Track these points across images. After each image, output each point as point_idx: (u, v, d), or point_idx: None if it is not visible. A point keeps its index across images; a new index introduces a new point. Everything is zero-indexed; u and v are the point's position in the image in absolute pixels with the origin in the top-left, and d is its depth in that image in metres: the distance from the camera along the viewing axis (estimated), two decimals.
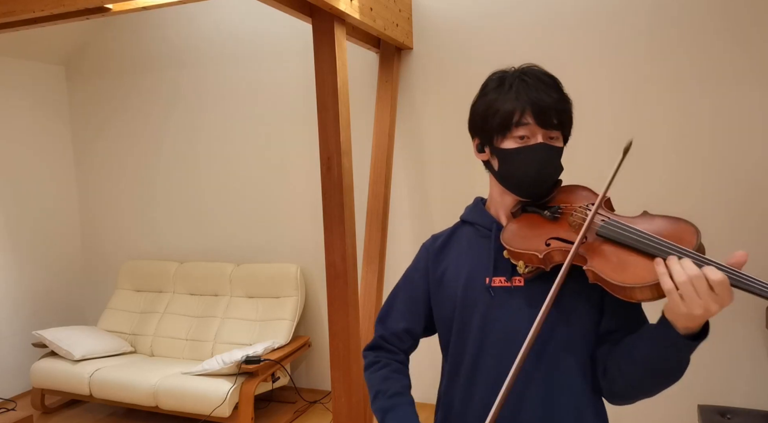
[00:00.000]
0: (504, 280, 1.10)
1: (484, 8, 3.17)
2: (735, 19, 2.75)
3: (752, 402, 2.80)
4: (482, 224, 1.18)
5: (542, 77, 1.09)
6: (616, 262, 0.95)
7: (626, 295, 0.92)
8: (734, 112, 2.78)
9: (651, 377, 0.98)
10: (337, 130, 2.42)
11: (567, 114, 1.10)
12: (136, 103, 4.21)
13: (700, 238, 0.94)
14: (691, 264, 0.85)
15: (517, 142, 1.08)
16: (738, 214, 2.80)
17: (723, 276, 0.84)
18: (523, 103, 1.06)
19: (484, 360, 1.10)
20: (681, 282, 0.85)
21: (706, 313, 0.86)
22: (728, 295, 0.85)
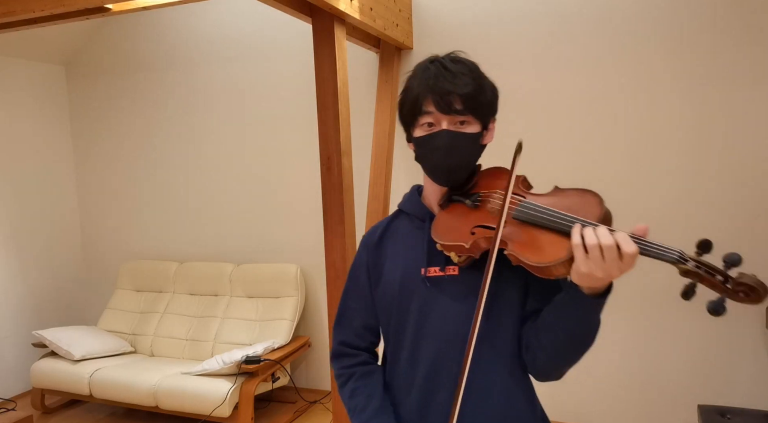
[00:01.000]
0: (438, 269, 1.13)
1: (484, 8, 3.17)
2: (746, 20, 2.75)
3: (752, 402, 2.80)
4: (416, 215, 1.21)
5: (448, 64, 1.10)
6: (532, 243, 0.99)
7: (545, 274, 0.96)
8: (746, 113, 2.77)
9: (566, 342, 1.01)
10: (337, 130, 2.42)
11: (475, 99, 1.08)
12: (136, 102, 4.21)
13: (604, 206, 0.98)
14: (605, 232, 0.89)
15: (424, 130, 1.10)
16: (750, 214, 2.79)
17: (636, 247, 0.88)
18: (425, 91, 1.08)
19: (422, 349, 1.13)
20: (591, 245, 0.88)
21: (608, 277, 0.90)
22: (632, 264, 0.89)
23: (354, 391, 1.20)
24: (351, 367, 1.23)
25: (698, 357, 2.90)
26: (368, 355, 1.26)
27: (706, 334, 2.87)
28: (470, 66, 1.12)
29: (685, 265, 0.89)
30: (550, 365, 1.07)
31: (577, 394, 3.13)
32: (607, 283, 0.94)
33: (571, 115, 3.07)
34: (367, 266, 1.23)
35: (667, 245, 0.90)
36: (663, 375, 2.96)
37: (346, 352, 1.25)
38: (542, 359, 1.06)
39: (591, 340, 1.02)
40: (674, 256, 0.89)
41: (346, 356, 1.25)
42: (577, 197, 1.02)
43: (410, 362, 1.14)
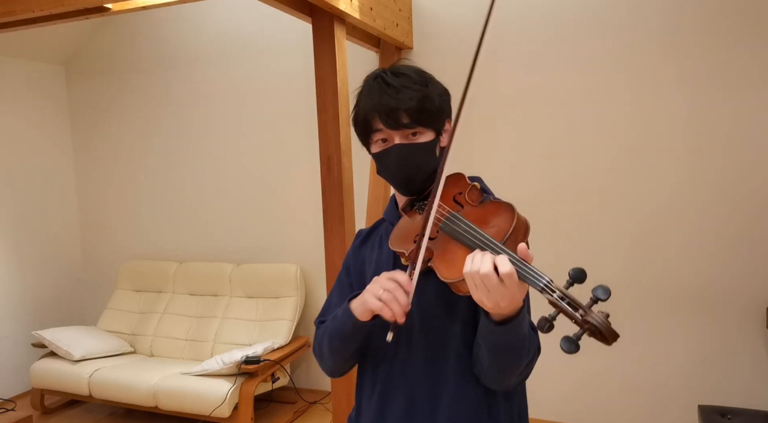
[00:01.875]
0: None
1: (484, 8, 3.16)
2: (748, 19, 2.75)
3: (752, 402, 2.80)
4: (390, 220, 1.23)
5: (390, 79, 1.11)
6: (449, 257, 0.99)
7: (454, 289, 0.96)
8: (747, 113, 2.77)
9: (492, 361, 1.02)
10: (337, 130, 2.42)
11: (422, 111, 1.09)
12: (136, 102, 4.21)
13: (515, 220, 0.95)
14: (487, 258, 0.89)
15: (379, 146, 1.14)
16: (749, 214, 2.79)
17: (511, 268, 0.87)
18: (370, 111, 1.10)
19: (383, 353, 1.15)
20: (470, 273, 0.89)
21: (495, 306, 0.90)
22: (517, 289, 0.88)
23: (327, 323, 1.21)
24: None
25: (698, 357, 2.90)
26: None
27: (706, 334, 2.87)
28: (414, 77, 1.12)
29: (551, 295, 0.85)
30: (491, 379, 1.07)
31: (578, 394, 3.13)
32: (517, 306, 0.93)
33: (570, 114, 3.06)
34: (348, 267, 1.27)
35: (538, 271, 0.87)
36: (663, 375, 2.96)
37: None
38: (485, 373, 1.06)
39: (524, 356, 1.01)
40: (540, 284, 0.86)
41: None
42: (493, 210, 1.01)
43: (374, 362, 1.17)
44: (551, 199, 3.09)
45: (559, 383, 3.14)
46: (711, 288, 2.85)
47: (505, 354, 1.00)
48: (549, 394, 3.16)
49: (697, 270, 2.87)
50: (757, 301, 2.77)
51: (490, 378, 1.07)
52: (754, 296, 2.78)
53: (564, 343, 0.83)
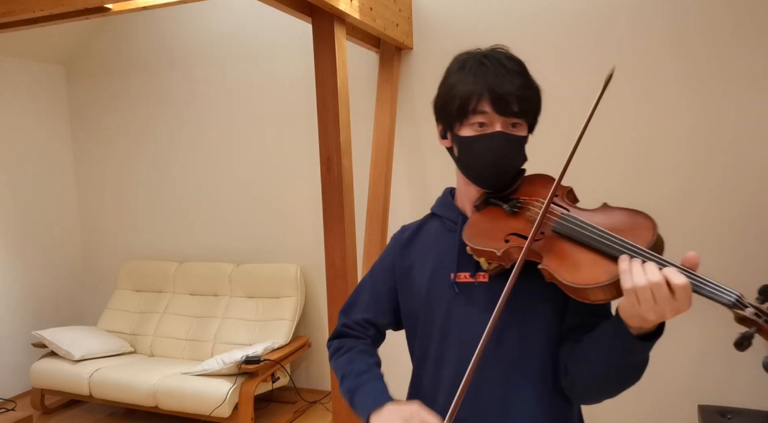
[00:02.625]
0: (469, 275, 1.07)
1: (484, 8, 3.17)
2: (752, 19, 2.75)
3: (752, 402, 2.80)
4: (448, 217, 1.15)
5: (504, 61, 1.03)
6: (570, 260, 0.91)
7: (579, 296, 0.89)
8: (752, 114, 2.77)
9: (608, 378, 0.95)
10: (337, 130, 2.42)
11: (530, 101, 1.04)
12: (136, 102, 4.21)
13: (656, 231, 0.89)
14: (653, 268, 0.81)
15: (475, 130, 1.03)
16: (756, 214, 2.79)
17: (686, 280, 0.80)
18: (480, 89, 1.01)
19: (447, 355, 1.08)
20: (640, 286, 0.80)
21: (660, 318, 0.82)
22: (687, 302, 0.80)
23: (352, 360, 1.14)
24: (353, 342, 1.18)
25: (698, 357, 2.90)
26: (371, 341, 1.20)
27: (706, 334, 2.87)
28: (522, 65, 1.06)
29: (743, 311, 0.79)
30: (587, 394, 1.01)
31: None
32: (659, 322, 0.86)
33: (572, 115, 3.06)
34: (392, 266, 1.19)
35: (724, 285, 0.81)
36: (663, 375, 2.96)
37: (350, 333, 1.20)
38: (580, 387, 1.00)
39: (635, 379, 0.94)
40: (731, 299, 0.79)
41: (349, 337, 1.20)
42: (626, 218, 0.94)
43: (436, 368, 1.10)
44: None
45: None
46: None
47: (628, 371, 0.93)
48: None
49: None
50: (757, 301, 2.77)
51: (591, 393, 1.00)
52: (754, 296, 2.77)
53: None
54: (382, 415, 0.98)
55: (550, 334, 1.03)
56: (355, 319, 1.20)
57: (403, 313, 1.18)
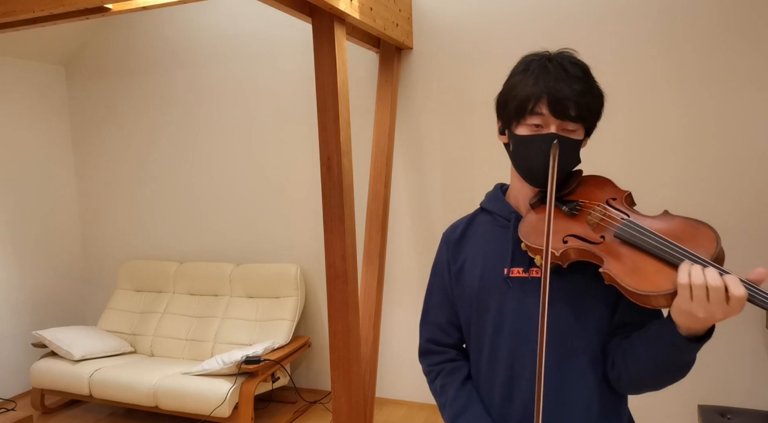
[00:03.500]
0: (522, 270, 1.10)
1: (484, 8, 3.17)
2: (743, 18, 2.75)
3: (752, 402, 2.80)
4: (501, 214, 1.18)
5: (567, 66, 1.06)
6: (632, 266, 0.93)
7: (641, 301, 0.91)
8: (742, 112, 2.78)
9: (654, 375, 0.99)
10: (337, 130, 2.42)
11: (589, 107, 1.06)
12: (136, 102, 4.21)
13: (720, 244, 0.91)
14: (714, 272, 0.85)
15: (530, 130, 1.06)
16: (746, 214, 2.79)
17: (745, 293, 0.83)
18: (539, 92, 1.04)
19: (501, 348, 1.11)
20: (697, 285, 0.84)
21: (710, 319, 0.86)
22: (739, 309, 0.84)
23: (444, 387, 1.19)
24: (439, 364, 1.23)
25: (698, 357, 2.89)
26: (456, 351, 1.24)
27: None
28: (585, 70, 1.08)
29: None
30: (632, 387, 1.05)
31: None
32: (709, 325, 0.90)
33: None
34: (448, 263, 1.21)
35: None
36: None
37: (434, 349, 1.24)
38: (626, 381, 1.04)
39: (681, 376, 0.99)
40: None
41: (434, 353, 1.24)
42: (689, 228, 0.96)
43: (490, 361, 1.13)
44: None
45: None
46: None
47: (674, 369, 0.97)
48: None
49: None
50: None
51: (638, 387, 1.04)
52: None
53: None
54: None
55: (602, 329, 1.07)
56: (436, 326, 1.24)
57: (458, 307, 1.21)
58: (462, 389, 1.17)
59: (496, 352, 1.12)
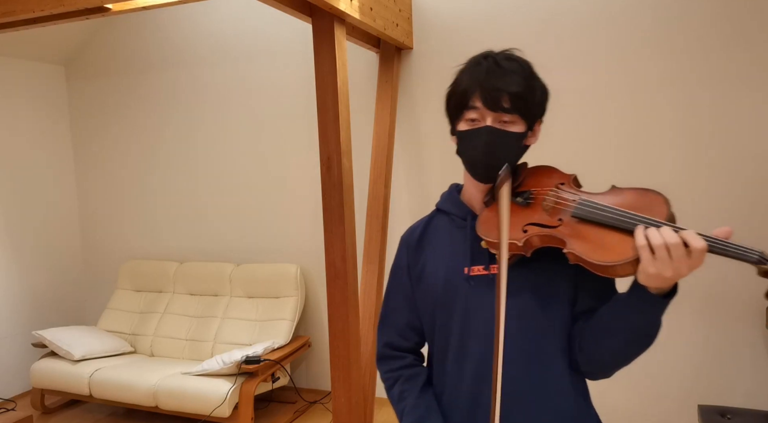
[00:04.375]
0: (482, 268, 1.12)
1: (484, 8, 3.17)
2: (739, 19, 2.75)
3: (752, 402, 2.80)
4: (457, 214, 1.19)
5: (501, 61, 1.09)
6: (594, 241, 0.97)
7: (609, 273, 0.94)
8: (737, 112, 2.78)
9: (625, 343, 1.01)
10: (337, 130, 2.42)
11: (524, 99, 1.07)
12: (136, 102, 4.21)
13: (671, 207, 0.96)
14: (669, 231, 0.89)
15: (468, 125, 1.10)
16: (742, 214, 2.79)
17: (704, 244, 0.88)
18: (473, 86, 1.07)
19: (469, 347, 1.11)
20: (657, 245, 0.88)
21: (677, 275, 0.89)
22: (701, 260, 0.89)
23: (402, 393, 1.19)
24: (397, 370, 1.23)
25: (698, 357, 2.90)
26: (414, 356, 1.25)
27: (706, 334, 2.87)
28: (523, 65, 1.10)
29: (766, 265, 0.88)
30: (604, 366, 1.07)
31: None
32: (673, 282, 0.94)
33: (568, 114, 3.07)
34: (408, 266, 1.22)
35: (746, 245, 0.90)
36: (663, 375, 2.96)
37: (392, 354, 1.25)
38: (597, 360, 1.06)
39: (651, 342, 1.01)
40: (754, 257, 0.88)
41: (392, 358, 1.25)
42: (639, 196, 1.01)
43: (458, 361, 1.13)
44: None
45: None
46: (711, 287, 2.85)
47: (647, 335, 1.00)
48: None
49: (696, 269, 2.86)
50: (757, 300, 2.77)
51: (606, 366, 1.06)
52: (754, 296, 2.78)
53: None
54: None
55: (565, 316, 1.09)
56: (395, 330, 1.25)
57: (421, 310, 1.21)
58: (421, 397, 1.16)
59: (463, 351, 1.12)
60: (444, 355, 1.16)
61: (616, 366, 1.06)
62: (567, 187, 1.09)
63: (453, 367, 1.14)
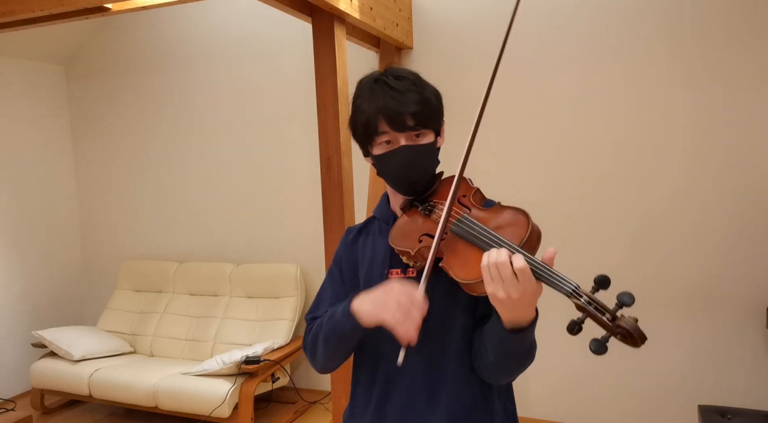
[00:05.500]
0: (400, 272, 1.17)
1: (484, 8, 3.17)
2: (748, 16, 2.75)
3: (752, 402, 2.80)
4: (383, 219, 1.25)
5: (392, 82, 1.12)
6: (463, 258, 1.01)
7: (469, 290, 0.98)
8: (748, 111, 2.77)
9: (501, 364, 1.06)
10: (337, 130, 2.42)
11: (425, 113, 1.12)
12: (136, 102, 4.21)
13: (531, 226, 0.98)
14: (503, 252, 0.93)
15: (383, 148, 1.14)
16: (753, 213, 2.79)
17: (525, 264, 0.91)
18: (375, 113, 1.12)
19: (382, 347, 1.15)
20: (489, 264, 0.92)
21: (508, 298, 0.92)
22: (530, 285, 0.92)
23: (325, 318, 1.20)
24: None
25: (698, 357, 2.90)
26: None
27: (706, 334, 2.87)
28: (413, 80, 1.15)
29: (578, 300, 0.90)
30: (492, 375, 1.11)
31: (577, 394, 3.13)
32: (530, 316, 0.97)
33: (570, 114, 3.07)
34: (340, 261, 1.28)
35: (565, 277, 0.91)
36: (663, 375, 2.96)
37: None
38: (484, 369, 1.10)
39: (528, 362, 1.06)
40: (569, 289, 0.90)
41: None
42: (510, 216, 1.03)
43: (372, 361, 1.19)
44: (550, 199, 3.09)
45: (559, 382, 3.14)
46: (711, 287, 2.85)
47: (513, 358, 1.04)
48: (548, 392, 3.16)
49: (697, 270, 2.87)
50: (757, 300, 2.77)
51: (492, 375, 1.10)
52: (754, 296, 2.78)
53: (593, 345, 0.88)
54: (360, 298, 1.08)
55: (466, 324, 1.14)
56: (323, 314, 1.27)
57: None
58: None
59: (377, 352, 1.17)
60: (362, 355, 1.22)
61: (502, 376, 1.11)
62: (466, 200, 1.12)
63: (368, 366, 1.20)
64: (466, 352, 1.13)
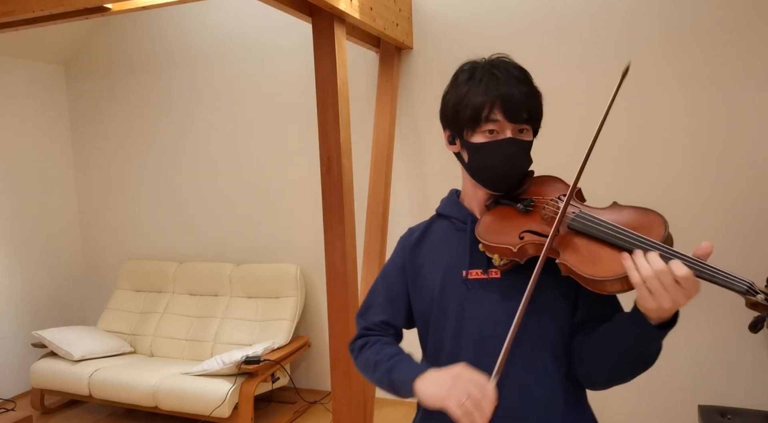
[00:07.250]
0: (480, 272, 1.11)
1: (484, 8, 3.17)
2: (751, 16, 2.75)
3: (752, 402, 2.80)
4: (457, 217, 1.19)
5: (513, 71, 1.09)
6: (587, 254, 0.97)
7: (598, 288, 0.94)
8: (750, 112, 2.78)
9: (625, 365, 1.00)
10: (337, 130, 2.42)
11: (537, 108, 1.10)
12: (136, 102, 4.21)
13: (668, 228, 0.95)
14: (657, 258, 0.87)
15: (486, 137, 1.09)
16: (749, 214, 2.79)
17: (688, 271, 0.85)
18: (492, 98, 1.06)
19: (462, 352, 1.10)
20: (647, 276, 0.86)
21: (675, 305, 0.87)
22: (695, 288, 0.86)
23: (381, 349, 1.16)
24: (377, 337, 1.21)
25: (698, 357, 2.90)
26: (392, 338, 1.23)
27: (706, 334, 2.87)
28: (527, 73, 1.12)
29: (755, 297, 0.85)
30: (604, 381, 1.06)
31: None
32: (674, 311, 0.92)
33: (571, 115, 3.07)
34: (403, 267, 1.22)
35: (735, 274, 0.87)
36: (663, 375, 2.96)
37: (370, 333, 1.23)
38: (597, 375, 1.05)
39: (649, 365, 1.00)
40: (743, 287, 0.86)
41: (371, 335, 1.23)
42: (638, 215, 1.00)
43: (450, 362, 1.11)
44: None
45: None
46: (711, 287, 2.84)
47: (646, 359, 0.99)
48: None
49: None
50: None
51: (604, 381, 1.05)
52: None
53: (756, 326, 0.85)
54: (426, 378, 1.01)
55: (564, 325, 1.09)
56: (374, 321, 1.23)
57: (416, 311, 1.21)
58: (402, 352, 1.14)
59: (456, 354, 1.11)
60: (437, 357, 1.15)
61: (613, 382, 1.05)
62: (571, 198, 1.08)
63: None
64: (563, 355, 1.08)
